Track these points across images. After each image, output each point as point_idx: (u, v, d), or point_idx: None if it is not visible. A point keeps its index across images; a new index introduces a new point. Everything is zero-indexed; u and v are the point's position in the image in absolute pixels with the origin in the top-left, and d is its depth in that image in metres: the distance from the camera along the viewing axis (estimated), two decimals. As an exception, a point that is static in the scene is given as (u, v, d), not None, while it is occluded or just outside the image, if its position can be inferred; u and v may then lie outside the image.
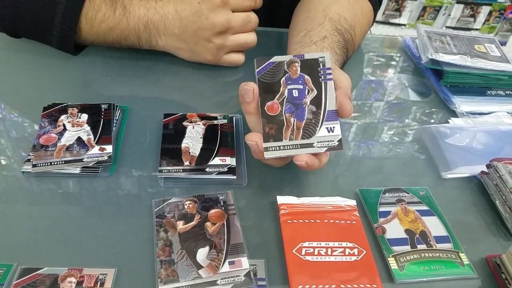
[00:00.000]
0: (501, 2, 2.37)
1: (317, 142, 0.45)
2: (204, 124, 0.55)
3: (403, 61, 0.79)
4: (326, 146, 0.45)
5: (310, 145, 0.45)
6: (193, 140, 0.53)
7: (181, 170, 0.49)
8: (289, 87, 0.46)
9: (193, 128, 0.55)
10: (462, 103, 0.66)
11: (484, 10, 2.39)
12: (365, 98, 0.69)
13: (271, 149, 0.45)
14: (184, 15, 0.60)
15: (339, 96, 0.46)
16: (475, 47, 0.73)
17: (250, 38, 0.64)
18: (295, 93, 0.46)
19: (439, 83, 0.70)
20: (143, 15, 0.61)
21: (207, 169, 0.50)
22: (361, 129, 0.63)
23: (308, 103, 0.45)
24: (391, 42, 0.85)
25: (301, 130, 0.45)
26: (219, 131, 0.55)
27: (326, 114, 0.45)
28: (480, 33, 2.40)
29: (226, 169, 0.50)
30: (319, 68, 0.46)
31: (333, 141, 0.45)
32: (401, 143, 0.61)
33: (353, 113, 0.65)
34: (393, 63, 0.79)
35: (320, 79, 0.46)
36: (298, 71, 0.46)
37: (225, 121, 0.56)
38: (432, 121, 0.65)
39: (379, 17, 2.34)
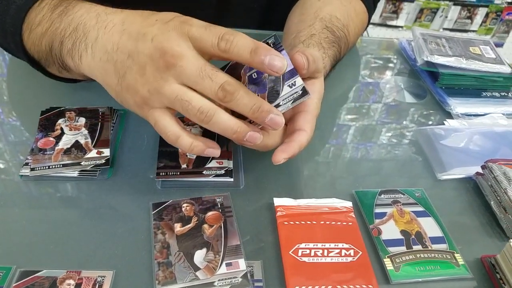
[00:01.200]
0: (498, 3, 2.38)
1: (282, 100, 0.44)
2: (200, 127, 0.56)
3: (399, 64, 0.79)
4: (292, 99, 0.44)
5: (278, 106, 0.44)
6: None
7: (178, 173, 0.50)
8: (248, 74, 0.45)
9: (190, 130, 0.55)
10: (457, 105, 0.67)
11: (481, 12, 2.40)
12: (361, 101, 0.69)
13: None
14: (128, 29, 0.43)
15: (291, 54, 0.45)
16: (470, 49, 0.73)
17: (204, 106, 0.41)
18: (254, 75, 0.45)
19: (435, 85, 0.70)
20: (77, 17, 0.45)
21: (204, 172, 0.50)
22: (357, 131, 0.63)
23: (267, 76, 0.45)
24: (387, 45, 0.86)
25: (266, 99, 0.44)
26: (216, 134, 0.55)
27: (284, 75, 0.44)
28: (475, 35, 2.41)
29: (223, 172, 0.50)
30: (270, 46, 0.44)
31: (297, 92, 0.44)
32: (397, 145, 0.61)
33: (349, 116, 0.66)
34: (389, 65, 0.79)
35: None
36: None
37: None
38: (428, 122, 0.65)
39: (377, 19, 2.35)
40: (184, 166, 0.50)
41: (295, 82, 0.44)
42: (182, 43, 0.40)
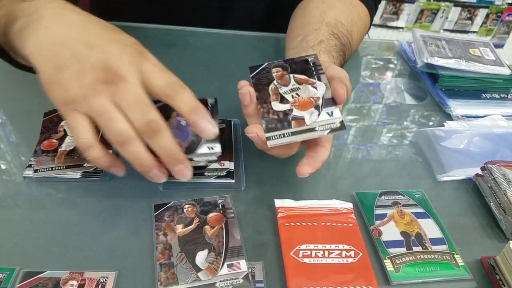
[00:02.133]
0: (498, 4, 2.38)
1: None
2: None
3: (400, 65, 0.80)
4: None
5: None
6: None
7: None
8: (178, 118, 0.47)
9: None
10: (457, 107, 0.67)
11: (481, 12, 2.40)
12: (362, 102, 0.70)
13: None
14: (87, 35, 0.43)
15: (333, 84, 0.46)
16: (470, 51, 0.73)
17: (125, 131, 0.40)
18: (183, 123, 0.46)
19: (435, 87, 0.71)
20: (39, 3, 0.44)
21: (205, 173, 0.50)
22: (357, 132, 0.64)
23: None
24: (387, 46, 0.86)
25: (184, 149, 0.45)
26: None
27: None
28: (477, 36, 2.41)
29: (224, 173, 0.51)
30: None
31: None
32: (397, 147, 0.61)
33: (350, 117, 0.66)
34: (390, 67, 0.80)
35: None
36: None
37: (223, 125, 0.57)
38: (428, 124, 0.66)
39: (377, 20, 2.35)
40: None
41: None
42: (131, 70, 0.41)
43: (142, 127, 0.41)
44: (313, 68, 0.48)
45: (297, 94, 0.47)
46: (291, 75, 0.48)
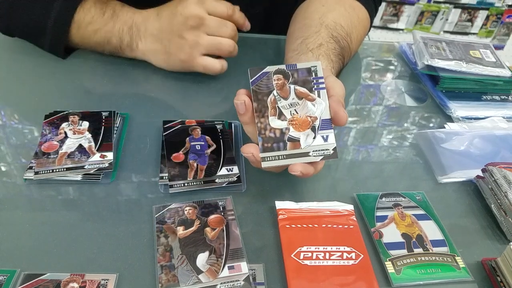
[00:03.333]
0: (498, 6, 2.38)
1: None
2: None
3: (400, 67, 0.80)
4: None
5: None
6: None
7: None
8: (192, 143, 0.54)
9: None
10: (457, 108, 0.67)
11: (481, 14, 2.40)
12: (362, 104, 0.70)
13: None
14: (162, 15, 0.62)
15: (332, 105, 0.47)
16: (471, 53, 0.73)
17: (226, 41, 0.62)
18: (198, 147, 0.54)
19: (435, 89, 0.71)
20: (128, 18, 0.63)
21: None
22: (357, 134, 0.64)
23: (209, 152, 0.53)
24: (388, 48, 0.86)
25: (204, 172, 0.51)
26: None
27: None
28: (477, 38, 2.41)
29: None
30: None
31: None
32: (398, 148, 0.61)
33: (350, 118, 0.66)
34: (390, 68, 0.80)
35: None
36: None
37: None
38: (429, 125, 0.66)
39: (377, 22, 2.35)
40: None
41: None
42: (199, 9, 0.60)
43: (231, 33, 0.63)
44: (314, 81, 0.48)
45: (295, 110, 0.47)
46: (292, 86, 0.48)
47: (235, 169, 0.51)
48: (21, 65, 0.67)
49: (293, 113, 0.47)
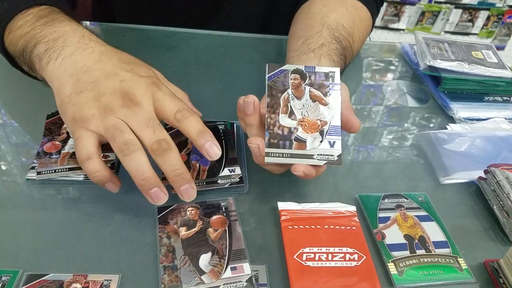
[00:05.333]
0: (499, 7, 2.38)
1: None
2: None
3: (402, 67, 0.80)
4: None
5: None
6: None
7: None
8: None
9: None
10: (460, 109, 0.67)
11: (482, 15, 2.40)
12: (363, 104, 0.70)
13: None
14: (104, 64, 0.47)
15: (344, 112, 0.47)
16: (473, 54, 0.73)
17: (135, 155, 0.43)
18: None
19: (437, 89, 0.71)
20: (62, 31, 0.49)
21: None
22: (360, 134, 0.64)
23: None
24: (389, 49, 0.86)
25: (206, 173, 0.50)
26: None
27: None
28: (477, 38, 2.41)
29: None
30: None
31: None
32: (400, 149, 0.61)
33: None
34: (392, 69, 0.80)
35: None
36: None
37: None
38: (431, 127, 0.66)
39: (378, 22, 2.35)
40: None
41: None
42: (145, 97, 0.45)
43: (153, 144, 0.43)
44: (330, 86, 0.48)
45: (307, 112, 0.47)
46: (307, 88, 0.48)
47: (237, 170, 0.51)
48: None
49: (304, 114, 0.47)
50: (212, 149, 0.45)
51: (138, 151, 0.43)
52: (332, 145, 0.46)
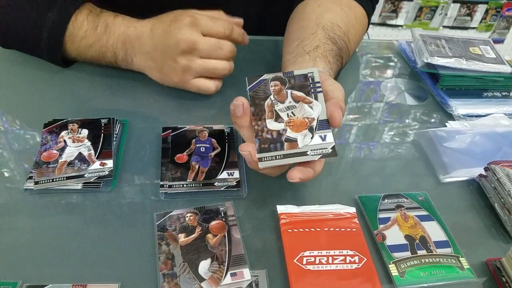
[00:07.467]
0: (497, 0, 2.37)
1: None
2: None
3: (399, 65, 0.79)
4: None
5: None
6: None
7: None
8: (197, 145, 0.54)
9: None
10: (458, 106, 0.67)
11: (481, 8, 2.39)
12: (362, 103, 0.69)
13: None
14: (156, 34, 0.60)
15: (329, 107, 0.47)
16: (470, 50, 0.73)
17: (221, 65, 0.61)
18: (202, 149, 0.54)
19: (435, 87, 0.70)
20: (121, 33, 0.61)
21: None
22: (359, 134, 0.63)
23: (213, 155, 0.53)
24: (387, 47, 0.86)
25: (205, 174, 0.51)
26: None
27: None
28: (477, 32, 2.40)
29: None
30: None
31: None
32: (399, 148, 0.61)
33: (351, 117, 0.66)
34: (389, 67, 0.79)
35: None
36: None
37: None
38: (430, 124, 0.65)
39: (376, 18, 2.34)
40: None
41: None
42: (192, 32, 0.58)
43: (227, 55, 0.61)
44: (311, 85, 0.48)
45: (292, 113, 0.47)
46: (289, 91, 0.48)
47: (236, 174, 0.51)
48: (19, 74, 0.67)
49: (290, 115, 0.47)
50: (244, 40, 0.65)
51: (230, 64, 0.63)
52: (323, 138, 0.45)
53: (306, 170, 0.46)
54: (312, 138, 0.46)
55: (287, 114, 0.47)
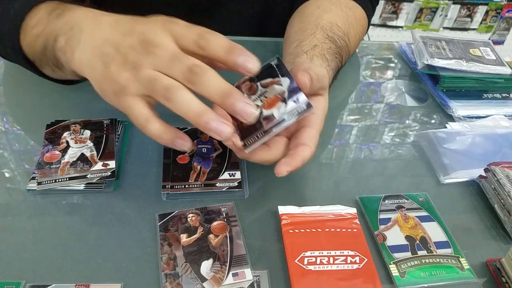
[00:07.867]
0: (497, 1, 2.38)
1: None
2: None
3: (400, 67, 0.80)
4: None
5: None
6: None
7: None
8: (198, 146, 0.52)
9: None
10: (459, 107, 0.67)
11: (481, 9, 2.40)
12: (362, 104, 0.70)
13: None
14: (118, 26, 0.45)
15: (294, 73, 0.46)
16: (470, 51, 0.73)
17: (182, 94, 0.42)
18: (204, 150, 0.53)
19: (436, 88, 0.71)
20: (76, 17, 0.48)
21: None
22: (359, 135, 0.64)
23: (215, 156, 0.53)
24: (387, 48, 0.86)
25: (206, 175, 0.51)
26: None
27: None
28: (477, 33, 2.40)
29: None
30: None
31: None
32: (400, 149, 0.61)
33: (350, 117, 0.66)
34: (390, 68, 0.80)
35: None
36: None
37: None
38: (430, 125, 0.66)
39: (376, 20, 2.35)
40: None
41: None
42: (163, 36, 0.42)
43: (186, 74, 0.41)
44: (277, 70, 0.47)
45: (265, 96, 0.46)
46: (258, 83, 0.47)
47: (238, 175, 0.52)
48: (22, 75, 0.67)
49: (263, 100, 0.46)
50: (248, 63, 0.42)
51: (179, 90, 0.41)
52: (297, 101, 0.45)
53: (292, 160, 0.45)
54: (286, 106, 0.45)
55: (261, 100, 0.46)
